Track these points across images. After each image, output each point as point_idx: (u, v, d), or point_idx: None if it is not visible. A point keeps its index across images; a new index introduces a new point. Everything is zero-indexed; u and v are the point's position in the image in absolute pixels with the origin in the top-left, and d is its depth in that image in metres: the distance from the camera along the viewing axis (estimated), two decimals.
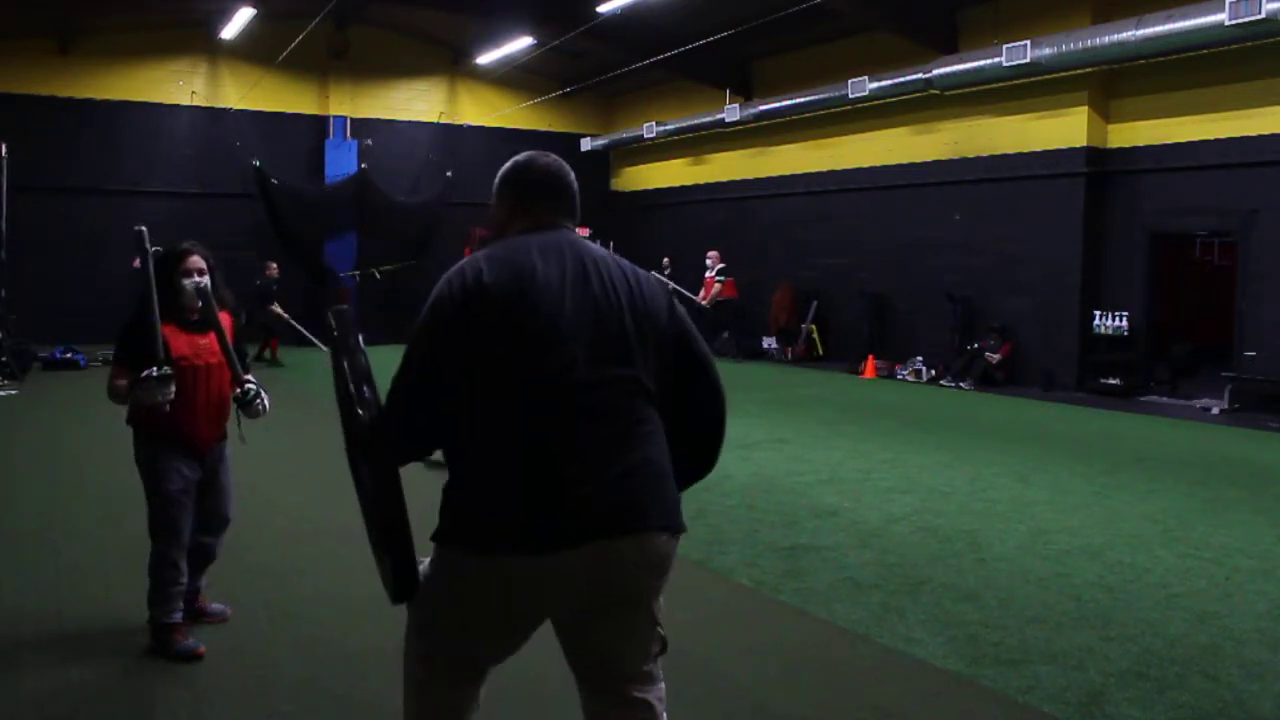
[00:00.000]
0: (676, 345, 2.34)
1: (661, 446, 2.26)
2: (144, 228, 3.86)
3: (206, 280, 3.92)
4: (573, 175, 2.48)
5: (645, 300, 2.30)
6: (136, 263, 3.94)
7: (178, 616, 3.83)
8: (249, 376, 4.00)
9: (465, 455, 2.18)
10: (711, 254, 16.76)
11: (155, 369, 3.66)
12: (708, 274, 16.63)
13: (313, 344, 15.25)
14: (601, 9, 13.83)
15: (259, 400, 3.97)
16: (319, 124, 19.29)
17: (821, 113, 15.68)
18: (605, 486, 2.12)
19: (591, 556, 2.12)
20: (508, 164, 2.44)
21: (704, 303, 16.53)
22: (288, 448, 7.96)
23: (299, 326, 15.40)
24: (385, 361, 2.39)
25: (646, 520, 2.17)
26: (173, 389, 3.70)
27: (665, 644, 2.39)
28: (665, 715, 2.36)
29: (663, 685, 2.39)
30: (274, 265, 15.72)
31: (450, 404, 2.16)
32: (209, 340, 3.89)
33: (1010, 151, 13.44)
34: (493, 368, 2.14)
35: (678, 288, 17.05)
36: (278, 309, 14.94)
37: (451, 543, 2.19)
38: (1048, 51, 11.69)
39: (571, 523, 2.10)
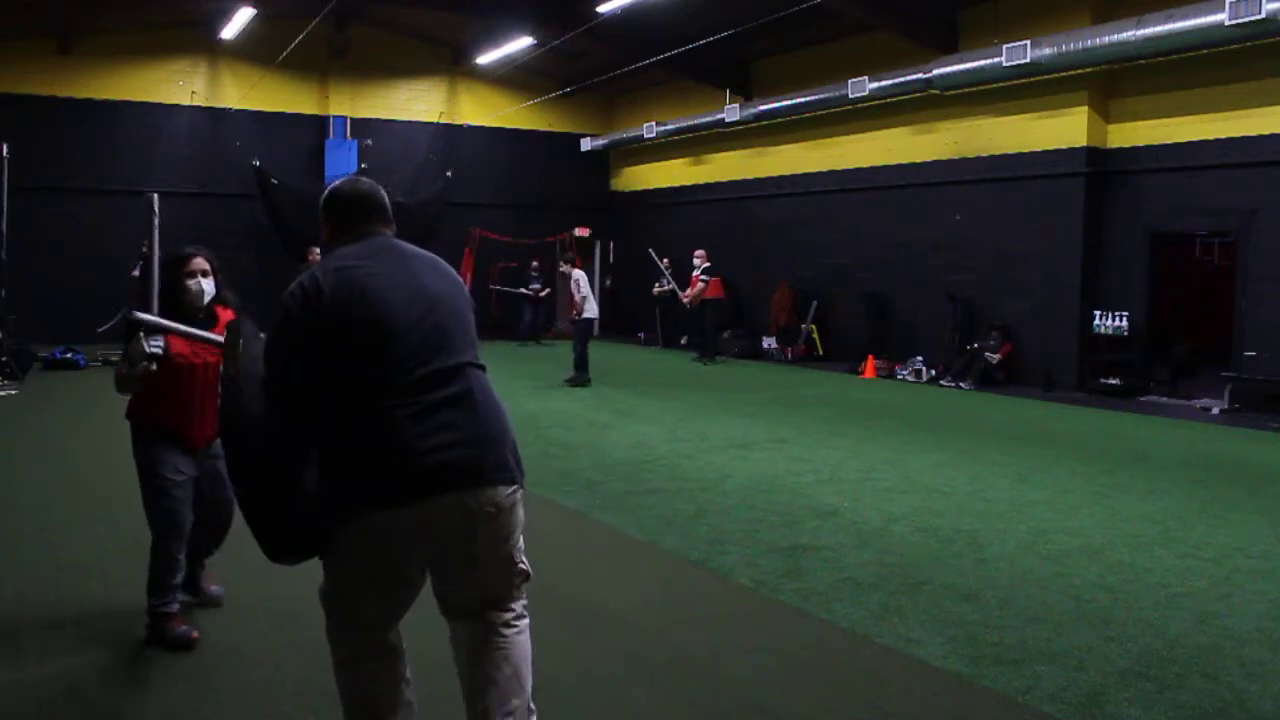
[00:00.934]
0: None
1: (494, 407, 2.69)
2: (155, 195, 3.92)
3: (212, 284, 4.04)
4: (382, 191, 2.88)
5: (456, 284, 2.79)
6: (136, 271, 4.01)
7: (174, 606, 3.93)
8: None
9: (329, 439, 2.55)
10: (699, 253, 16.01)
11: (141, 332, 3.75)
12: (695, 273, 15.94)
13: None
14: (601, 9, 13.83)
15: None
16: (319, 124, 19.29)
17: (821, 113, 15.68)
18: (447, 450, 2.53)
19: (440, 508, 2.53)
20: (325, 192, 2.87)
21: (687, 301, 15.93)
22: None
23: None
24: None
25: (483, 476, 2.58)
26: (159, 343, 3.77)
27: (527, 575, 2.79)
28: (523, 629, 2.75)
29: (521, 604, 2.76)
30: (316, 250, 13.84)
31: (307, 395, 2.55)
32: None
33: (1010, 151, 13.44)
34: (340, 361, 2.54)
35: (675, 287, 16.97)
36: None
37: (340, 513, 2.55)
38: (1048, 51, 11.70)
39: (419, 481, 2.50)
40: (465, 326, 2.71)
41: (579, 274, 12.85)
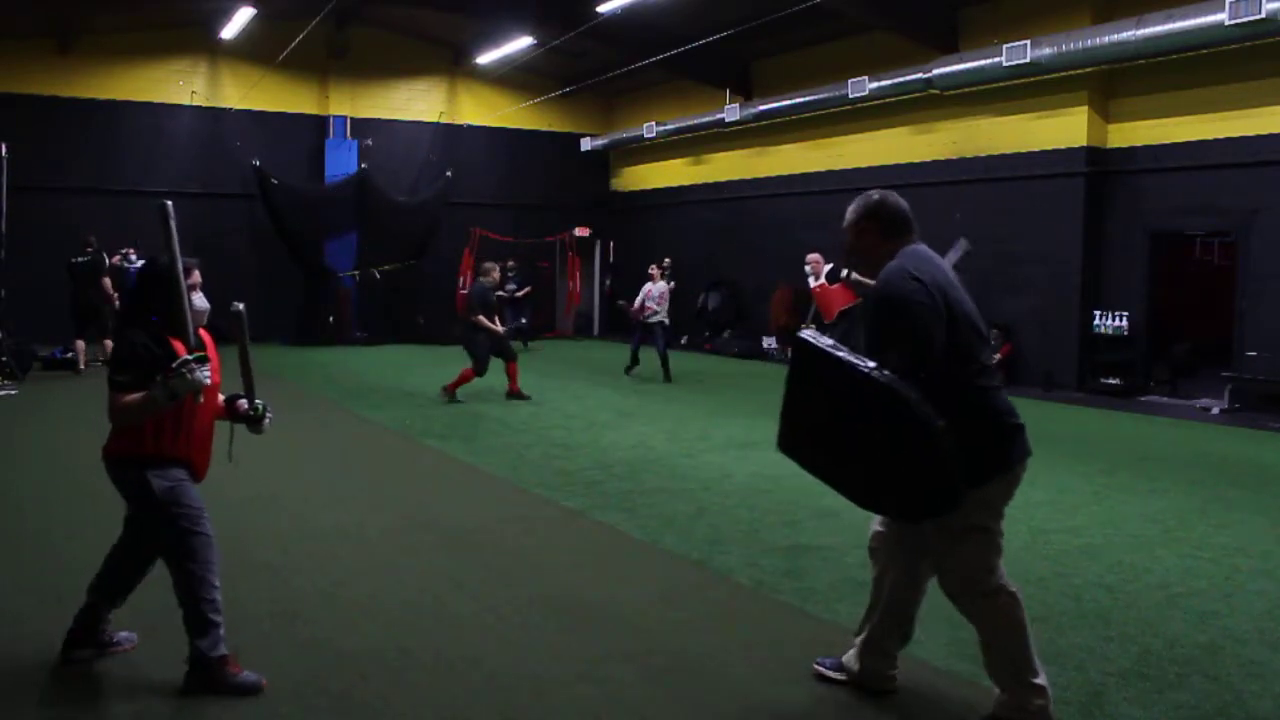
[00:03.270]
0: None
1: None
2: (169, 201, 3.61)
3: (203, 301, 3.79)
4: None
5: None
6: (112, 263, 3.71)
7: (225, 647, 3.56)
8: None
9: (964, 412, 3.12)
10: (812, 257, 12.40)
11: (189, 354, 3.42)
12: (813, 283, 12.25)
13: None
14: (601, 9, 13.84)
15: (269, 416, 3.85)
16: (319, 124, 19.31)
17: (821, 113, 15.68)
18: (1024, 429, 3.33)
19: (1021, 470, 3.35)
20: (868, 202, 3.45)
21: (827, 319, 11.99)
22: (287, 449, 7.96)
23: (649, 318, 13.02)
24: (390, 359, 2.42)
25: None
26: (209, 371, 3.44)
27: None
28: None
29: None
30: (495, 268, 11.87)
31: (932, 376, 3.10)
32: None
33: (1010, 151, 13.44)
34: (956, 346, 3.15)
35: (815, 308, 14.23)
36: (483, 320, 11.00)
37: (992, 473, 3.24)
38: (1048, 51, 11.70)
39: (1025, 449, 3.32)
40: None
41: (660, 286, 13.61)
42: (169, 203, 3.62)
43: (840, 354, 3.09)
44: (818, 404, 3.22)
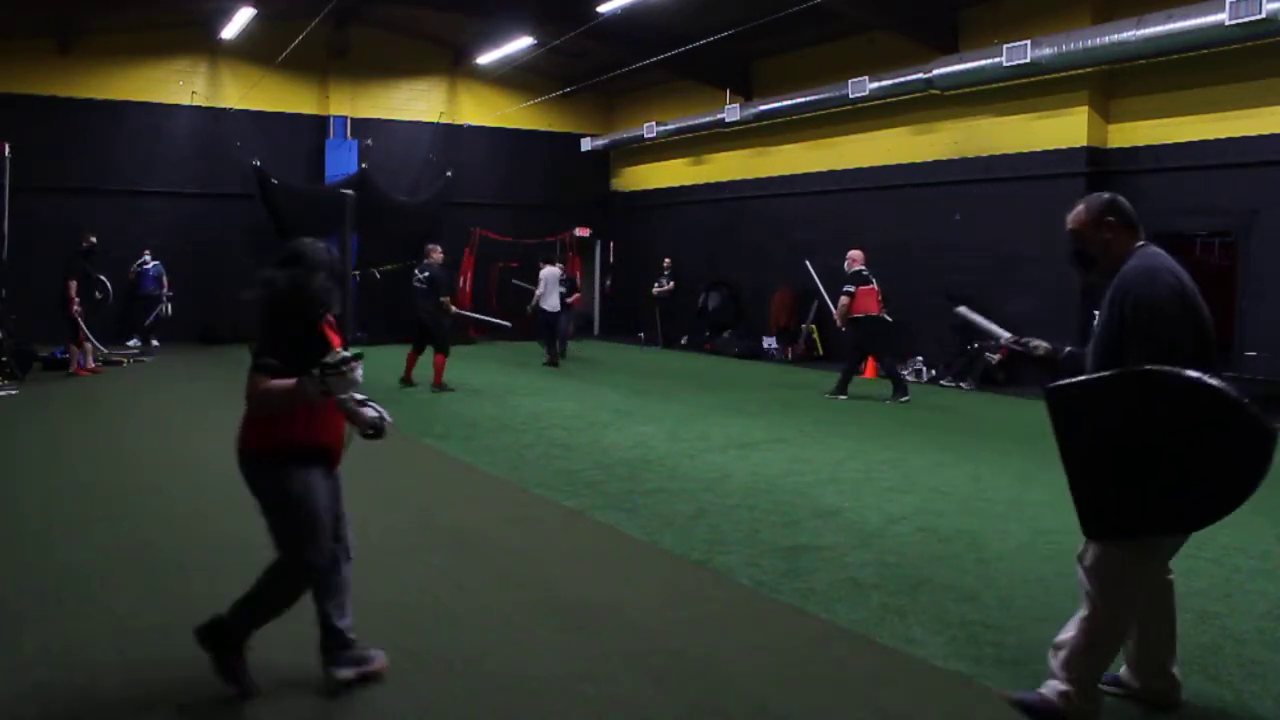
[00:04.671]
0: None
1: None
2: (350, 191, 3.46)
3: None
4: None
5: None
6: (132, 274, 3.66)
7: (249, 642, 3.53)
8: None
9: None
10: (851, 254, 12.03)
11: (344, 349, 3.27)
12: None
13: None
14: (601, 9, 13.84)
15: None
16: (319, 124, 19.31)
17: (821, 113, 15.69)
18: None
19: None
20: (1100, 200, 3.65)
21: (839, 322, 12.35)
22: None
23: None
24: (390, 359, 2.42)
25: None
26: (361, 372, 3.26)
27: None
28: None
29: None
30: (438, 248, 12.53)
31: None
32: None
33: (1010, 151, 13.44)
34: (1188, 354, 3.11)
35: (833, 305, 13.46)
36: (450, 304, 12.23)
37: None
38: (1048, 51, 11.70)
39: None
40: None
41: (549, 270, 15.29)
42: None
43: (1105, 375, 3.14)
44: (1116, 445, 3.12)
